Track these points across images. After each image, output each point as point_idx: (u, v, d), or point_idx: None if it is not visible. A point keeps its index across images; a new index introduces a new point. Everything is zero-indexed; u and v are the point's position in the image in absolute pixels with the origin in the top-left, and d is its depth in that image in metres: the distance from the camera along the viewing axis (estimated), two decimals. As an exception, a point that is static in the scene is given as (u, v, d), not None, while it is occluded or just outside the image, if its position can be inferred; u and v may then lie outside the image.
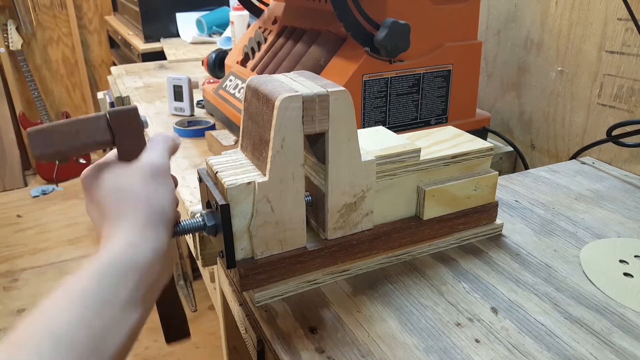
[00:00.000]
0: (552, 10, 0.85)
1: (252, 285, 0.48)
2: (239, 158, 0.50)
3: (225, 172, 0.46)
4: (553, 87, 0.88)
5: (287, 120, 0.43)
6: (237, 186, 0.44)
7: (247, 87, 0.49)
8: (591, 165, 0.80)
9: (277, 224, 0.47)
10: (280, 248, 0.48)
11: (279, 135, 0.43)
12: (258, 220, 0.46)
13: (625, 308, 0.47)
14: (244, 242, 0.47)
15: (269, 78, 0.48)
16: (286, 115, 0.43)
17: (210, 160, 0.49)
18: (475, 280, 0.51)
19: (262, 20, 1.05)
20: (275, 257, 0.48)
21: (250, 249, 0.47)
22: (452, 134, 0.60)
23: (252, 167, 0.47)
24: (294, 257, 0.49)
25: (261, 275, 0.48)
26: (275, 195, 0.45)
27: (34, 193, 2.77)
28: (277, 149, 0.44)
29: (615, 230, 0.61)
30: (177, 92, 1.08)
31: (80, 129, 0.41)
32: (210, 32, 2.02)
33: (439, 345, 0.43)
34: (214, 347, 1.71)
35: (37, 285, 2.04)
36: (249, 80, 0.49)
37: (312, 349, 0.43)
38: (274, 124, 0.43)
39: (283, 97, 0.42)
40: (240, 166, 0.48)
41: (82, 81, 3.03)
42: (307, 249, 0.49)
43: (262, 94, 0.45)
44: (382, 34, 0.69)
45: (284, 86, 0.45)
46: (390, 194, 0.53)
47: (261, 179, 0.45)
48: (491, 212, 0.59)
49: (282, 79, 0.48)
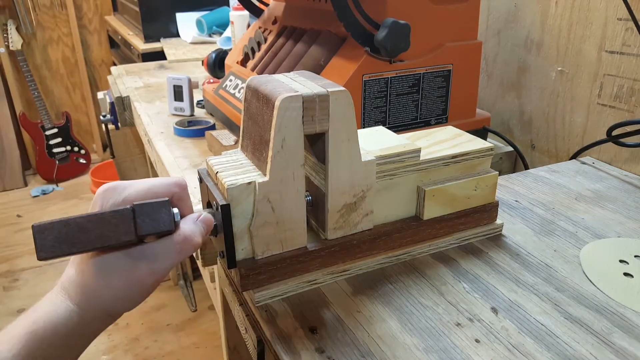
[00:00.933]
0: (552, 10, 0.85)
1: (253, 285, 0.48)
2: (239, 158, 0.50)
3: (225, 172, 0.46)
4: (553, 87, 0.88)
5: (288, 121, 0.43)
6: (237, 186, 0.44)
7: (247, 87, 0.49)
8: (591, 165, 0.80)
9: (277, 224, 0.47)
10: (280, 248, 0.48)
11: (279, 135, 0.43)
12: (259, 220, 0.46)
13: (625, 308, 0.47)
14: (245, 242, 0.47)
15: (269, 78, 0.48)
16: (286, 115, 0.43)
17: (211, 160, 0.49)
18: (475, 280, 0.51)
19: (262, 20, 1.05)
20: (275, 257, 0.48)
21: (250, 249, 0.47)
22: (452, 134, 0.60)
23: (252, 167, 0.47)
24: (295, 257, 0.49)
25: (262, 275, 0.48)
26: (275, 195, 0.45)
27: (34, 193, 2.77)
28: (277, 149, 0.44)
29: (615, 230, 0.61)
30: (177, 92, 1.08)
31: (100, 229, 0.36)
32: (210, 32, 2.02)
33: (439, 345, 0.43)
34: (214, 347, 1.71)
35: (37, 285, 2.04)
36: (249, 80, 0.49)
37: (312, 349, 0.43)
38: (274, 124, 0.43)
39: (283, 97, 0.42)
40: (240, 166, 0.48)
41: (82, 81, 3.03)
42: (308, 248, 0.49)
43: (262, 94, 0.45)
44: (382, 34, 0.69)
45: (284, 86, 0.45)
46: (390, 194, 0.53)
47: (262, 179, 0.44)
48: (491, 212, 0.59)
49: (282, 79, 0.48)
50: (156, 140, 0.97)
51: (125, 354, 1.69)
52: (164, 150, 0.92)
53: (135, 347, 1.72)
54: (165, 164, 0.87)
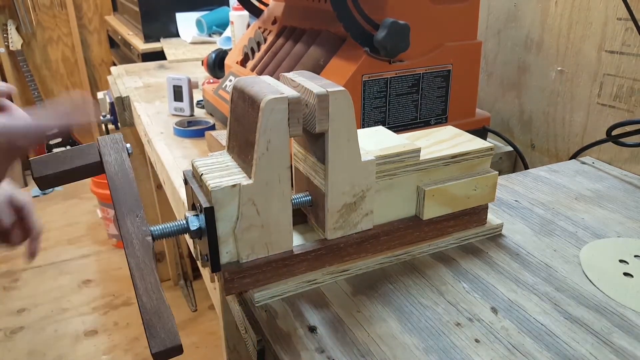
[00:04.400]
0: (552, 10, 0.85)
1: (237, 289, 0.47)
2: (225, 160, 0.49)
3: (210, 174, 0.45)
4: (553, 87, 0.88)
5: (273, 123, 0.43)
6: (221, 189, 0.43)
7: (233, 89, 0.48)
8: (591, 165, 0.80)
9: (263, 227, 0.46)
10: (266, 251, 0.48)
11: (264, 137, 0.43)
12: (243, 223, 0.45)
13: (625, 308, 0.47)
14: (229, 246, 0.46)
15: (256, 79, 0.47)
16: (271, 117, 0.42)
17: (196, 161, 0.48)
18: (475, 280, 0.51)
19: (261, 20, 1.05)
20: (261, 261, 0.47)
21: (235, 252, 0.46)
22: (452, 133, 0.60)
23: (238, 169, 0.47)
24: (281, 261, 0.48)
25: (246, 279, 0.47)
26: (261, 198, 0.45)
27: (34, 193, 2.77)
28: (262, 151, 0.43)
29: (615, 230, 0.61)
30: (177, 92, 1.08)
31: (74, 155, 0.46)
32: (210, 32, 2.02)
33: (438, 345, 0.43)
34: (214, 347, 1.71)
35: (37, 285, 2.04)
36: (235, 81, 0.48)
37: (312, 349, 0.43)
38: (259, 126, 0.42)
39: (268, 99, 0.42)
40: (226, 168, 0.47)
41: (82, 81, 3.03)
42: (294, 252, 0.49)
43: (248, 96, 0.45)
44: (382, 34, 0.69)
45: (270, 88, 0.44)
46: (390, 194, 0.53)
47: (246, 182, 0.44)
48: (481, 214, 0.58)
49: (269, 80, 0.47)
50: (156, 140, 0.97)
51: (125, 354, 1.69)
52: (164, 151, 0.92)
53: (135, 347, 1.72)
54: (165, 164, 0.87)
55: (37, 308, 1.90)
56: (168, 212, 1.77)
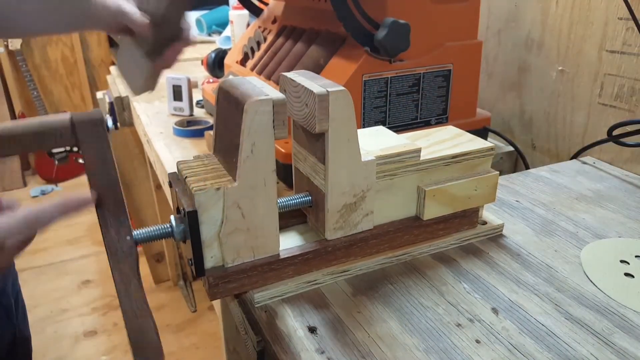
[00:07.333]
0: (553, 10, 0.85)
1: (222, 294, 0.47)
2: (212, 162, 0.48)
3: (194, 177, 0.45)
4: (554, 87, 0.88)
5: (257, 125, 0.42)
6: (205, 192, 0.42)
7: (219, 90, 0.48)
8: (592, 165, 0.80)
9: (248, 231, 0.46)
10: (252, 255, 0.47)
11: (249, 139, 0.42)
12: (228, 227, 0.44)
13: (626, 308, 0.47)
14: (214, 250, 0.45)
15: (242, 81, 0.47)
16: (256, 119, 0.42)
17: (181, 164, 0.47)
18: (475, 281, 0.51)
19: (261, 20, 1.05)
20: (246, 265, 0.47)
21: (220, 256, 0.46)
22: (453, 133, 0.59)
23: (223, 172, 0.46)
24: (267, 265, 0.48)
25: (232, 283, 0.47)
26: (246, 201, 0.44)
27: (34, 193, 2.77)
28: (247, 153, 0.42)
29: (616, 231, 0.61)
30: (177, 91, 1.08)
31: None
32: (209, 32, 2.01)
33: (439, 346, 0.43)
34: (214, 348, 1.70)
35: (36, 285, 2.04)
36: (220, 82, 0.48)
37: (312, 349, 0.43)
38: (244, 128, 0.42)
39: (252, 101, 0.41)
40: (211, 171, 0.46)
41: (81, 81, 3.03)
42: (281, 256, 0.48)
43: (233, 97, 0.44)
44: (382, 34, 0.69)
45: (255, 89, 0.44)
46: (390, 194, 0.52)
47: (231, 185, 0.43)
48: (472, 216, 0.58)
49: (255, 81, 0.46)
50: (155, 140, 0.97)
51: (125, 354, 1.69)
52: (163, 151, 0.92)
53: (134, 348, 1.71)
54: (164, 164, 0.86)
55: (37, 309, 1.90)
56: (168, 212, 1.77)
